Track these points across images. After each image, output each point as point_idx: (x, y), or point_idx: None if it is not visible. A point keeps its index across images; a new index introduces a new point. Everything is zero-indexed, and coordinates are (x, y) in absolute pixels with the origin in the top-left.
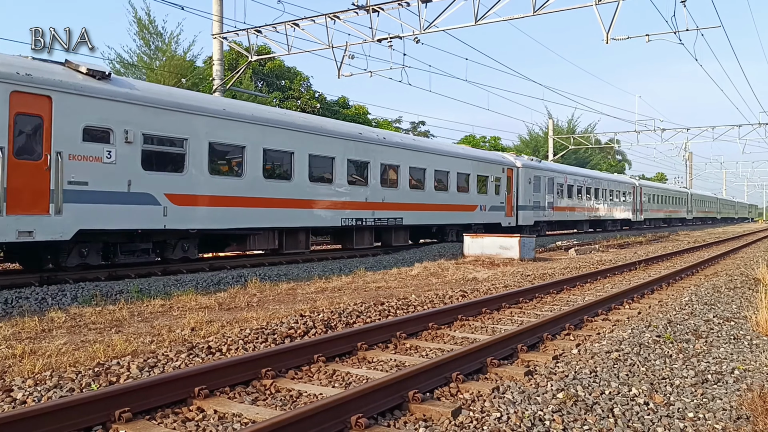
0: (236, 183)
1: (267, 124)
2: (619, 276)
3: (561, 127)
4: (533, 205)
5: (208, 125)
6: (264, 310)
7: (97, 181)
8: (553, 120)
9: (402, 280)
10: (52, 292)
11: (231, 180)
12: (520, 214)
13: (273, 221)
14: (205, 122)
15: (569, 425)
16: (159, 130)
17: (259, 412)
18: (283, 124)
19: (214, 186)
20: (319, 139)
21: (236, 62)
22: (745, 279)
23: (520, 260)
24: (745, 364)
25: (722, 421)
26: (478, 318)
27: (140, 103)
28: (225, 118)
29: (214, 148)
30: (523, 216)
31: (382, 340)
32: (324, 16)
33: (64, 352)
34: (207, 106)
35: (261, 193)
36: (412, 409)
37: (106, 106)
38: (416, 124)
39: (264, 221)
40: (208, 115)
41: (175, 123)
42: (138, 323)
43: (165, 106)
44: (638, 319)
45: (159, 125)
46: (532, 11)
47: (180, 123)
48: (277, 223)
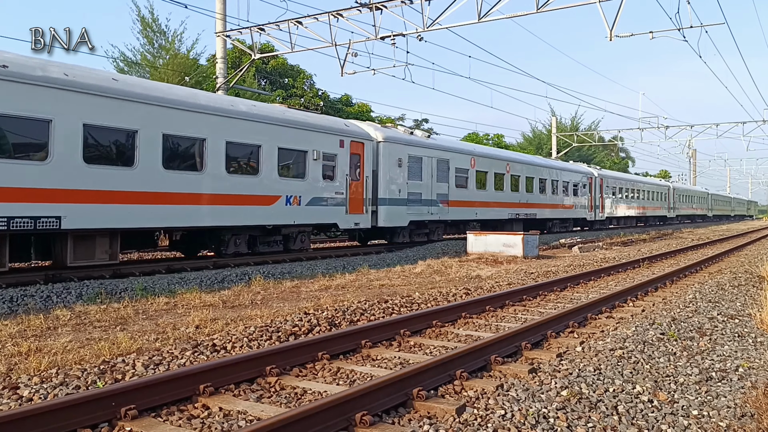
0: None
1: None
2: (623, 273)
3: (564, 124)
4: (407, 198)
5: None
6: (268, 307)
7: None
8: (557, 117)
9: (405, 278)
10: (57, 290)
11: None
12: (382, 211)
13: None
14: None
15: (573, 423)
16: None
17: (264, 409)
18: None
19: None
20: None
21: (239, 60)
22: (749, 276)
23: (524, 258)
24: (750, 361)
25: (727, 418)
26: (481, 316)
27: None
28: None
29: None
30: (386, 213)
31: (386, 337)
32: (327, 14)
33: (69, 350)
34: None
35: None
36: (416, 407)
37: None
38: (419, 122)
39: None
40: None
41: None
42: (143, 321)
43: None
44: (642, 316)
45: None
46: (536, 8)
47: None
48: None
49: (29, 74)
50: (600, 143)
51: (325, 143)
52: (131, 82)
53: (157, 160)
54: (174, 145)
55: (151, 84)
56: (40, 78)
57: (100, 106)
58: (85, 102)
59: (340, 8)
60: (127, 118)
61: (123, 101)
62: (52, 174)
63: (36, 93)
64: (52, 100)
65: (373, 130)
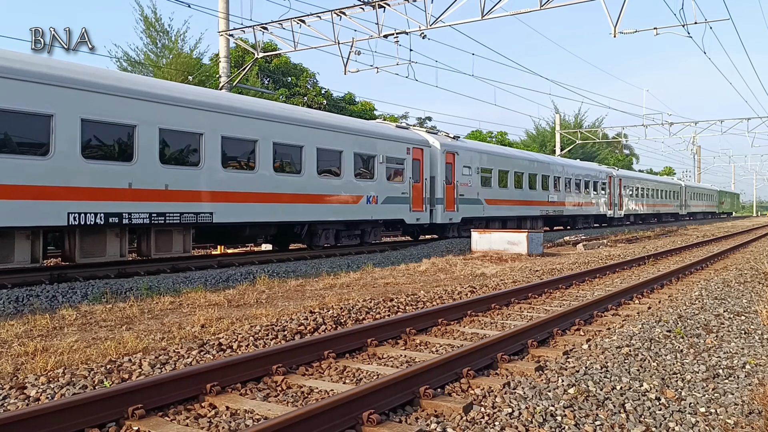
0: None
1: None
2: (628, 271)
3: (568, 121)
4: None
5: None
6: (273, 306)
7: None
8: (560, 115)
9: (410, 276)
10: (63, 290)
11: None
12: (438, 209)
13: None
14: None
15: (581, 420)
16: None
17: (271, 408)
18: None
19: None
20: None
21: (243, 59)
22: (755, 273)
23: (528, 255)
24: (757, 358)
25: (734, 415)
26: (487, 314)
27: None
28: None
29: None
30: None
31: (392, 336)
32: (330, 12)
33: (75, 350)
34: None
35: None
36: (423, 405)
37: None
38: (423, 120)
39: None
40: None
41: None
42: (148, 320)
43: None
44: (648, 314)
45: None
46: (539, 5)
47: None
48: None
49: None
50: (604, 140)
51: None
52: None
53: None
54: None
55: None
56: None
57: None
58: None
59: (343, 6)
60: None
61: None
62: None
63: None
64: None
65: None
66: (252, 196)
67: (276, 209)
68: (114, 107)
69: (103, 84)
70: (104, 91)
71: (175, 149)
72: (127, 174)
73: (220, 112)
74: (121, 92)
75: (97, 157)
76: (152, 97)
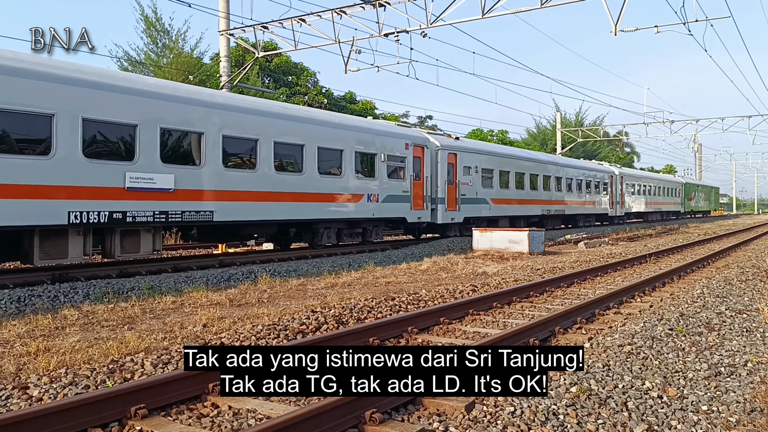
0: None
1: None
2: (630, 269)
3: (569, 119)
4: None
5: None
6: (275, 306)
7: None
8: (561, 113)
9: (412, 275)
10: (64, 290)
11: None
12: (440, 209)
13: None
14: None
15: (583, 419)
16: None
17: (273, 407)
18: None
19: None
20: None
21: (243, 59)
22: (756, 271)
23: (530, 254)
24: (758, 356)
25: (736, 413)
26: (489, 312)
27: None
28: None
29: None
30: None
31: (394, 335)
32: (330, 11)
33: (78, 350)
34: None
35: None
36: (425, 404)
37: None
38: (423, 119)
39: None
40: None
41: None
42: (150, 320)
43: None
44: (650, 312)
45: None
46: (540, 3)
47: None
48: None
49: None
50: (605, 138)
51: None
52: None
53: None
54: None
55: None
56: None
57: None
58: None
59: (344, 5)
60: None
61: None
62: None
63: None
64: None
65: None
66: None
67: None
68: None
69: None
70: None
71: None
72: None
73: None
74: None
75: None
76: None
